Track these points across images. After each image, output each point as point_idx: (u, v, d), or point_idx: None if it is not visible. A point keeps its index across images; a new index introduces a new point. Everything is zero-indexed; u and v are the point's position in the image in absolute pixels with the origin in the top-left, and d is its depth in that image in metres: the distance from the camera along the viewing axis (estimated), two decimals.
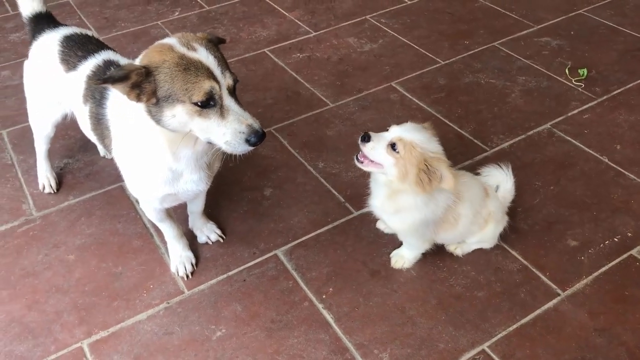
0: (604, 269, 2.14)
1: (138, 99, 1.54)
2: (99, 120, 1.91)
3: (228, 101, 1.56)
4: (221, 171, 2.56)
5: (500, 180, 2.24)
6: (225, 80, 1.56)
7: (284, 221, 2.35)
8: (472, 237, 2.13)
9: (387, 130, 1.90)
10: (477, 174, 2.27)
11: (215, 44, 1.65)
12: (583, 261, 2.17)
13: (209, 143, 1.65)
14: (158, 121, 1.59)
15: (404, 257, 2.16)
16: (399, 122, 2.78)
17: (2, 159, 2.67)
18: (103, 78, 1.50)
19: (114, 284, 2.13)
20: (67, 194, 2.49)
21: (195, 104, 1.52)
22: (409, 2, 3.85)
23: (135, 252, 2.24)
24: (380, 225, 2.30)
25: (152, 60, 1.53)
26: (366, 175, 2.54)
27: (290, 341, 1.94)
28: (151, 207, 2.00)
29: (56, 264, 2.20)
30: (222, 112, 1.55)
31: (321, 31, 3.57)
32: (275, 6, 3.85)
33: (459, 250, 2.18)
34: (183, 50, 1.54)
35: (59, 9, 3.83)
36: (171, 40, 1.57)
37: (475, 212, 2.03)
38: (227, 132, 1.56)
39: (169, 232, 2.14)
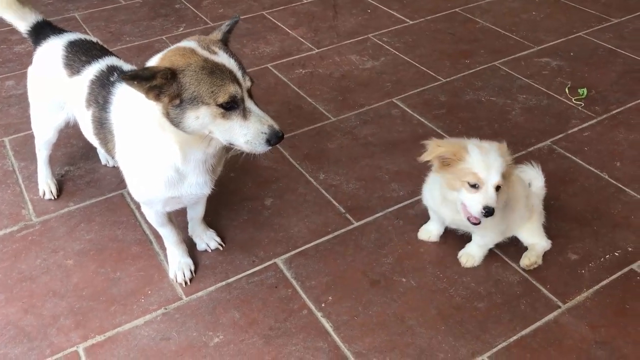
0: (604, 282, 2.13)
1: (157, 98, 1.56)
2: (102, 125, 1.92)
3: (249, 103, 1.61)
4: (222, 180, 2.57)
5: (532, 178, 2.31)
6: (245, 83, 1.61)
7: (284, 230, 2.35)
8: (521, 229, 2.18)
9: (475, 184, 1.89)
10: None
11: (226, 43, 1.69)
12: (584, 274, 2.16)
13: (230, 145, 1.67)
14: (178, 123, 1.60)
15: (474, 256, 2.18)
16: (400, 136, 2.83)
17: (3, 166, 2.67)
18: (130, 74, 1.51)
19: (112, 289, 2.11)
20: (67, 201, 2.48)
21: (220, 105, 1.56)
22: (411, 22, 3.90)
23: (134, 258, 2.23)
24: (423, 235, 2.30)
25: (176, 63, 1.55)
26: (366, 188, 2.55)
27: (289, 349, 1.92)
28: (153, 211, 2.00)
29: (54, 269, 2.18)
30: (245, 113, 1.60)
31: (324, 48, 3.61)
32: (279, 24, 3.90)
33: (533, 258, 2.16)
34: (205, 53, 1.57)
35: (64, 23, 3.87)
36: (191, 44, 1.60)
37: (527, 194, 2.14)
38: (249, 133, 1.61)
39: (169, 238, 2.13)
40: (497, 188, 1.89)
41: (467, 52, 3.56)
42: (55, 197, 2.48)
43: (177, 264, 2.15)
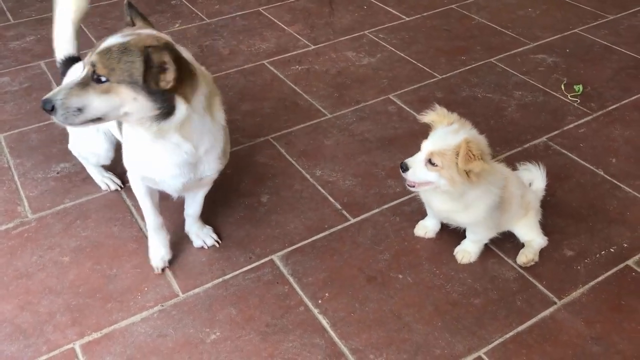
0: (600, 278, 2.14)
1: None
2: None
3: (81, 74, 1.64)
4: (218, 177, 2.56)
5: (534, 178, 2.34)
6: (88, 59, 1.63)
7: (280, 227, 2.35)
8: (518, 226, 2.18)
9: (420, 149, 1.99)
10: (514, 168, 2.39)
11: (162, 50, 1.61)
12: (579, 270, 2.17)
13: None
14: None
15: (470, 252, 2.19)
16: (396, 132, 2.84)
17: None
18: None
19: (108, 286, 2.11)
20: (63, 197, 2.48)
21: None
22: (407, 19, 3.90)
23: (130, 254, 2.22)
24: (419, 231, 2.30)
25: None
26: (363, 185, 2.55)
27: (285, 345, 1.92)
28: (136, 180, 2.05)
29: (50, 266, 2.18)
30: None
31: (320, 45, 3.61)
32: (275, 20, 3.89)
33: (530, 255, 2.16)
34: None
35: None
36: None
37: (522, 193, 2.14)
38: None
39: (149, 218, 2.12)
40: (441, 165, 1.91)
41: (463, 49, 3.56)
42: (121, 186, 2.52)
43: (154, 252, 2.17)
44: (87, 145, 2.39)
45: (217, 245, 2.27)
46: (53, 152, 2.68)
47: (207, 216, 2.36)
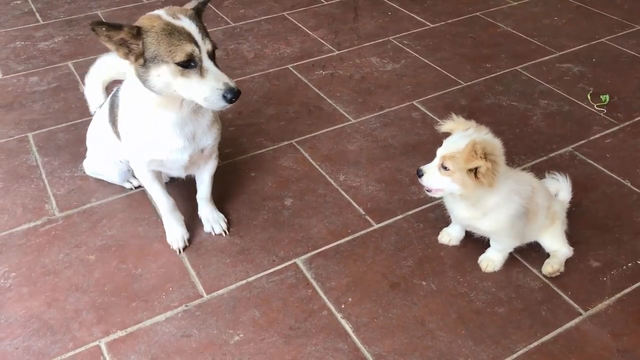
0: (626, 290, 2.11)
1: (126, 56, 1.74)
2: (113, 107, 2.12)
3: (207, 63, 1.74)
4: (243, 179, 2.59)
5: (560, 189, 2.33)
6: (205, 45, 1.73)
7: (303, 231, 2.36)
8: (543, 236, 2.17)
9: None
10: (540, 177, 2.35)
11: (199, 14, 1.82)
12: (605, 282, 2.15)
13: (196, 105, 1.86)
14: (145, 81, 1.76)
15: (494, 261, 2.18)
16: (420, 138, 2.83)
17: (27, 161, 2.71)
18: (99, 21, 1.68)
19: (133, 285, 2.13)
20: (89, 196, 2.51)
21: (178, 64, 1.70)
22: (432, 26, 3.90)
23: (155, 254, 2.24)
24: (443, 239, 2.30)
25: (143, 25, 1.71)
26: (386, 190, 2.55)
27: (308, 349, 1.92)
28: (141, 169, 2.13)
29: (76, 264, 2.21)
30: (202, 72, 1.73)
31: (344, 50, 3.62)
32: (300, 25, 3.91)
33: (556, 265, 2.15)
34: (169, 19, 1.72)
35: (87, 21, 3.91)
36: (159, 11, 1.75)
37: (548, 205, 2.13)
38: (206, 90, 1.74)
39: (161, 203, 2.23)
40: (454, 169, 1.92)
41: (488, 57, 3.55)
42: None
43: (174, 234, 2.25)
44: (103, 168, 2.50)
45: (224, 235, 2.32)
46: (80, 151, 2.71)
47: (232, 217, 2.38)
